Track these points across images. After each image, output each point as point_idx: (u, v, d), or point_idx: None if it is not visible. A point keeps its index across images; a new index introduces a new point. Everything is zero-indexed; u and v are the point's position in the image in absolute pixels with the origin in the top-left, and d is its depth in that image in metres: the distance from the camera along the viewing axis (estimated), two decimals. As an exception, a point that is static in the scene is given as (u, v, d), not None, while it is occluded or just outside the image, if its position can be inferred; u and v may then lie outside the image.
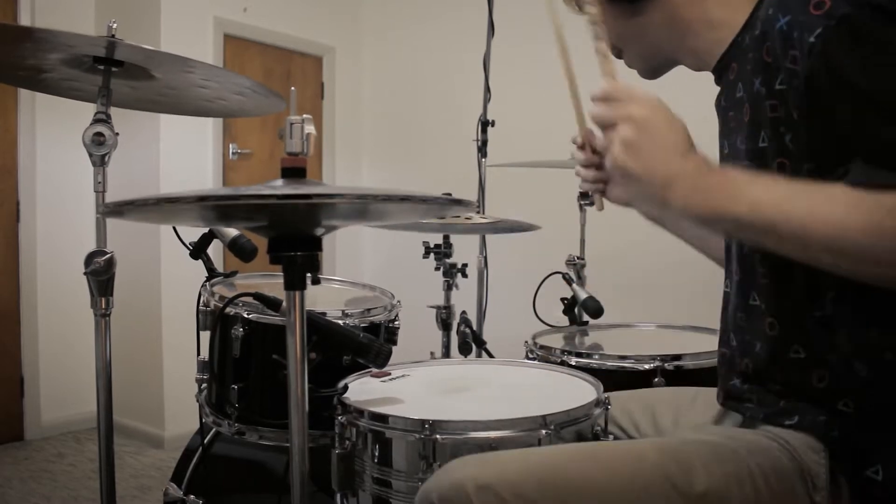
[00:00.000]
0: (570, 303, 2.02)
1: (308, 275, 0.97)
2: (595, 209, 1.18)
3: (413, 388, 1.28)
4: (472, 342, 2.01)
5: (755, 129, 0.91)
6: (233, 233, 1.57)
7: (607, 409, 1.14)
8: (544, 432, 1.03)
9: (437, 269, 2.17)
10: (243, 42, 3.98)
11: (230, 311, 1.42)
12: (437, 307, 2.17)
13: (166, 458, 3.33)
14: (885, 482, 0.85)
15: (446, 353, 2.18)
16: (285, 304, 0.97)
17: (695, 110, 1.14)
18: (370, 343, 1.25)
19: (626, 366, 1.59)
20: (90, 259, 1.36)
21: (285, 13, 4.13)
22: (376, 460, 1.08)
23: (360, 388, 1.24)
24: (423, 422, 1.03)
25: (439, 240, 2.17)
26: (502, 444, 1.02)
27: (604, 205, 1.11)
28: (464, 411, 1.14)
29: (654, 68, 1.11)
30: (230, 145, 3.58)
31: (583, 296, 1.91)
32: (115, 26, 1.27)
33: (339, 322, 1.40)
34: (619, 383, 1.46)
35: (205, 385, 1.53)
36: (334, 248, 4.40)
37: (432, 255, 2.16)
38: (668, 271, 3.00)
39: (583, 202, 2.31)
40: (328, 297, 1.75)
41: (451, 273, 2.17)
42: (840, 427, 0.88)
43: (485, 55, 2.50)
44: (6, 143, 3.53)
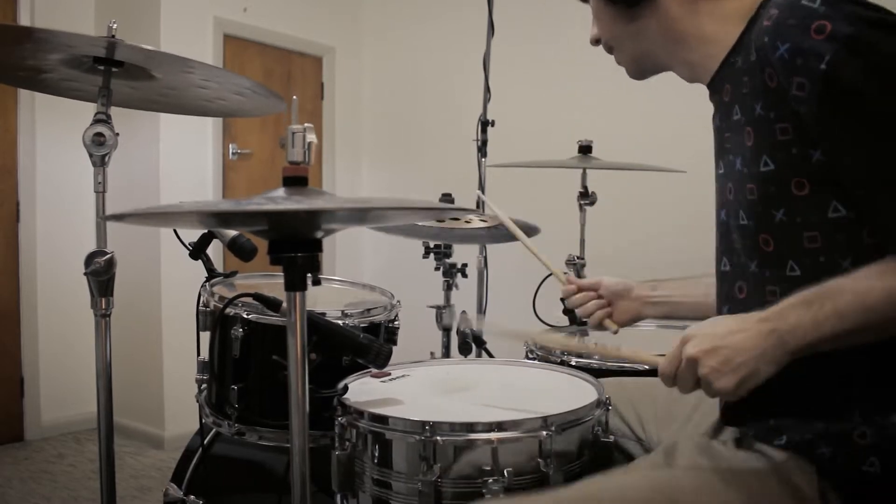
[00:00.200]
0: (571, 303, 2.02)
1: (308, 275, 0.97)
2: (613, 332, 1.25)
3: (413, 389, 1.27)
4: (472, 342, 2.01)
5: (758, 153, 0.91)
6: (232, 233, 1.57)
7: (608, 409, 1.14)
8: (545, 433, 1.03)
9: (437, 269, 2.17)
10: (243, 42, 3.98)
11: (230, 311, 1.42)
12: (438, 307, 2.17)
13: (166, 458, 3.33)
14: (884, 472, 0.85)
15: (446, 353, 2.18)
16: (285, 304, 0.97)
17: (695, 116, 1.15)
18: (370, 343, 1.25)
19: (626, 366, 1.59)
20: (90, 259, 1.36)
21: (285, 13, 4.13)
22: (376, 461, 1.08)
23: (360, 389, 1.24)
24: (423, 423, 1.03)
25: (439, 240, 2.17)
26: (503, 445, 1.02)
27: (618, 328, 1.23)
28: (464, 412, 1.13)
29: (643, 71, 1.13)
30: (230, 145, 3.59)
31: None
32: (115, 26, 1.27)
33: (339, 322, 1.40)
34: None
35: (205, 385, 1.53)
36: (334, 248, 4.40)
37: (432, 255, 2.16)
38: (668, 271, 2.99)
39: (582, 202, 2.31)
40: (328, 298, 1.75)
41: (451, 273, 2.17)
42: (831, 440, 0.88)
43: (485, 55, 2.50)
44: (6, 143, 3.53)
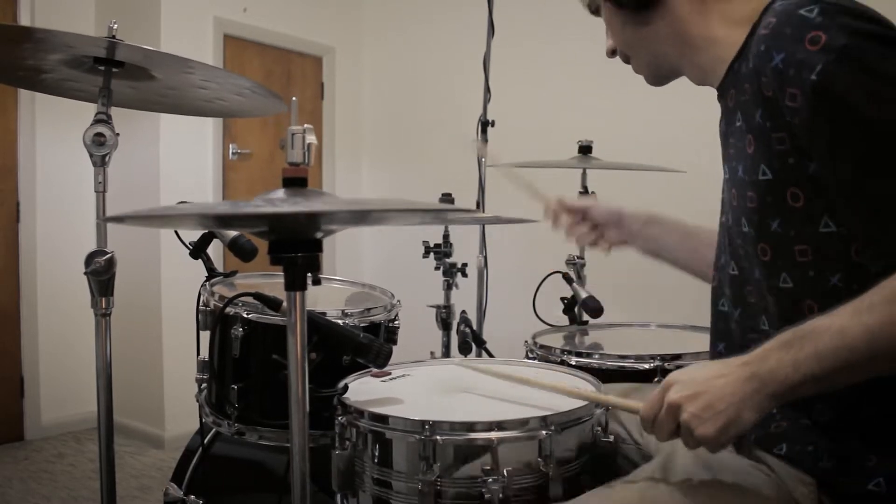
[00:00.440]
0: (570, 302, 2.02)
1: (308, 275, 0.97)
2: (603, 253, 1.24)
3: (413, 388, 1.27)
4: (472, 342, 2.01)
5: (757, 161, 0.91)
6: (233, 233, 1.57)
7: (608, 409, 1.14)
8: (545, 433, 1.03)
9: (437, 268, 2.17)
10: (243, 42, 3.98)
11: (230, 310, 1.42)
12: (437, 307, 2.17)
13: (166, 458, 3.33)
14: (889, 493, 0.84)
15: (446, 353, 2.18)
16: (286, 304, 0.97)
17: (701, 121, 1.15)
18: (370, 343, 1.25)
19: (626, 366, 1.59)
20: (90, 259, 1.36)
21: (285, 13, 4.13)
22: (376, 461, 1.08)
23: (360, 389, 1.24)
24: (423, 422, 1.03)
25: (439, 239, 2.17)
26: (503, 445, 1.02)
27: (610, 248, 1.22)
28: (464, 411, 1.13)
29: (660, 76, 1.12)
30: (230, 145, 3.59)
31: (583, 295, 1.91)
32: (115, 27, 1.27)
33: (339, 322, 1.40)
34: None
35: (205, 385, 1.53)
36: (334, 247, 4.40)
37: (432, 254, 2.16)
38: (668, 271, 2.99)
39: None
40: (328, 297, 1.75)
41: (451, 273, 2.17)
42: (835, 454, 0.88)
43: (485, 55, 2.50)
44: (6, 143, 3.53)
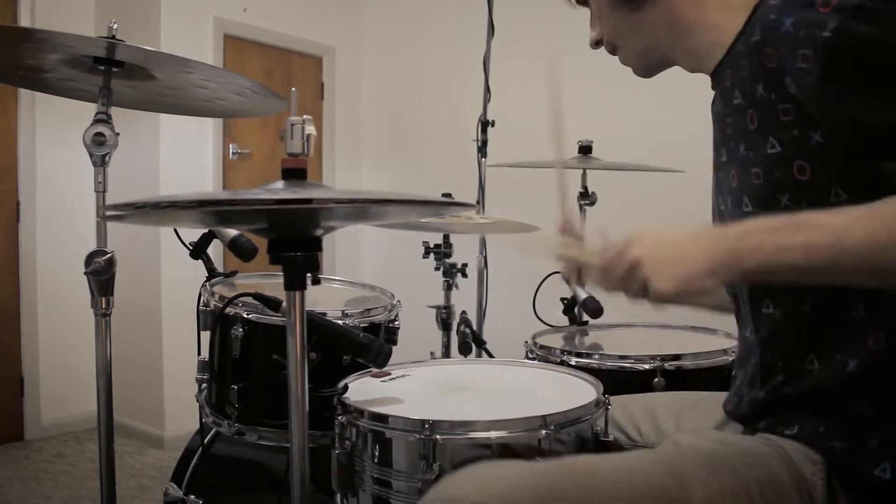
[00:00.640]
0: (570, 303, 2.02)
1: (308, 275, 0.97)
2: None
3: (413, 388, 1.28)
4: (472, 342, 2.02)
5: (763, 135, 0.90)
6: (232, 233, 1.57)
7: (607, 409, 1.14)
8: (544, 432, 1.03)
9: (437, 269, 2.18)
10: (243, 42, 3.98)
11: (230, 311, 1.42)
12: (438, 307, 2.17)
13: (166, 458, 3.33)
14: (894, 478, 0.84)
15: (446, 353, 2.18)
16: (285, 304, 0.97)
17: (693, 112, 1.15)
18: (370, 343, 1.25)
19: (626, 366, 1.59)
20: (90, 259, 1.36)
21: (285, 13, 4.13)
22: (376, 460, 1.08)
23: (360, 388, 1.24)
24: (423, 422, 1.03)
25: (439, 240, 2.17)
26: (502, 445, 1.02)
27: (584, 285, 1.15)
28: (464, 411, 1.14)
29: (649, 67, 1.11)
30: (230, 145, 3.59)
31: (583, 296, 1.90)
32: (115, 27, 1.27)
33: (339, 322, 1.40)
34: (619, 383, 1.46)
35: (205, 385, 1.53)
36: (334, 247, 4.40)
37: (432, 255, 2.16)
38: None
39: (582, 202, 2.31)
40: (328, 297, 1.75)
41: (451, 273, 2.17)
42: (845, 435, 0.87)
43: (485, 55, 2.50)
44: (6, 143, 3.53)
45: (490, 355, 2.07)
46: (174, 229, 1.58)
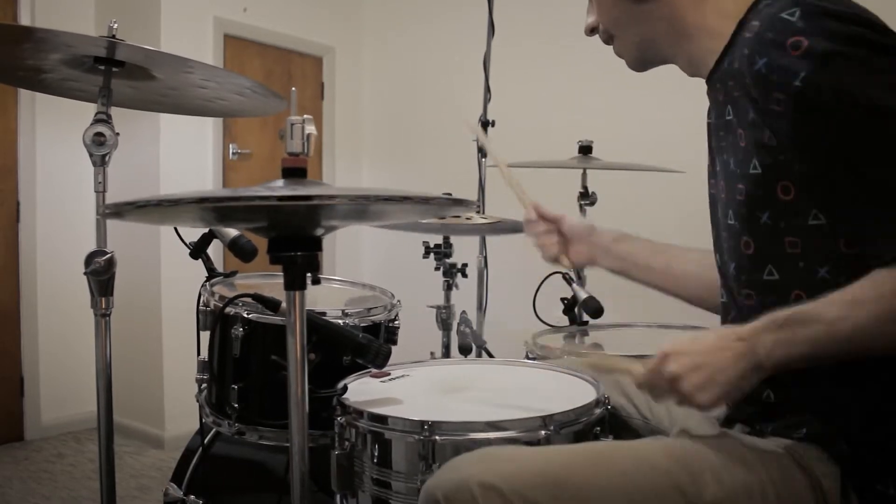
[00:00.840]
0: (570, 303, 2.02)
1: (308, 275, 0.97)
2: (567, 267, 1.23)
3: (412, 389, 1.27)
4: (472, 342, 2.01)
5: (749, 155, 0.91)
6: (233, 233, 1.57)
7: (607, 409, 1.14)
8: (544, 433, 1.02)
9: (437, 269, 2.17)
10: (243, 42, 3.98)
11: (230, 311, 1.42)
12: (437, 307, 2.17)
13: (166, 458, 3.33)
14: None
15: (446, 354, 2.18)
16: (285, 304, 0.97)
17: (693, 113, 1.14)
18: (369, 343, 1.25)
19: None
20: (90, 259, 1.36)
21: (285, 13, 4.13)
22: (376, 461, 1.08)
23: (360, 389, 1.24)
24: (422, 423, 1.03)
25: (439, 240, 2.17)
26: (502, 445, 1.02)
27: (572, 263, 1.20)
28: (463, 412, 1.13)
29: (644, 61, 1.10)
30: (230, 145, 3.59)
31: (583, 296, 1.91)
32: (115, 26, 1.27)
33: (339, 322, 1.40)
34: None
35: (205, 385, 1.53)
36: (334, 247, 4.40)
37: (432, 255, 2.16)
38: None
39: (582, 202, 2.31)
40: (328, 297, 1.75)
41: (451, 273, 2.17)
42: (849, 442, 0.87)
43: (485, 55, 2.50)
44: (6, 143, 3.53)
45: (490, 355, 2.06)
46: (174, 229, 1.58)
